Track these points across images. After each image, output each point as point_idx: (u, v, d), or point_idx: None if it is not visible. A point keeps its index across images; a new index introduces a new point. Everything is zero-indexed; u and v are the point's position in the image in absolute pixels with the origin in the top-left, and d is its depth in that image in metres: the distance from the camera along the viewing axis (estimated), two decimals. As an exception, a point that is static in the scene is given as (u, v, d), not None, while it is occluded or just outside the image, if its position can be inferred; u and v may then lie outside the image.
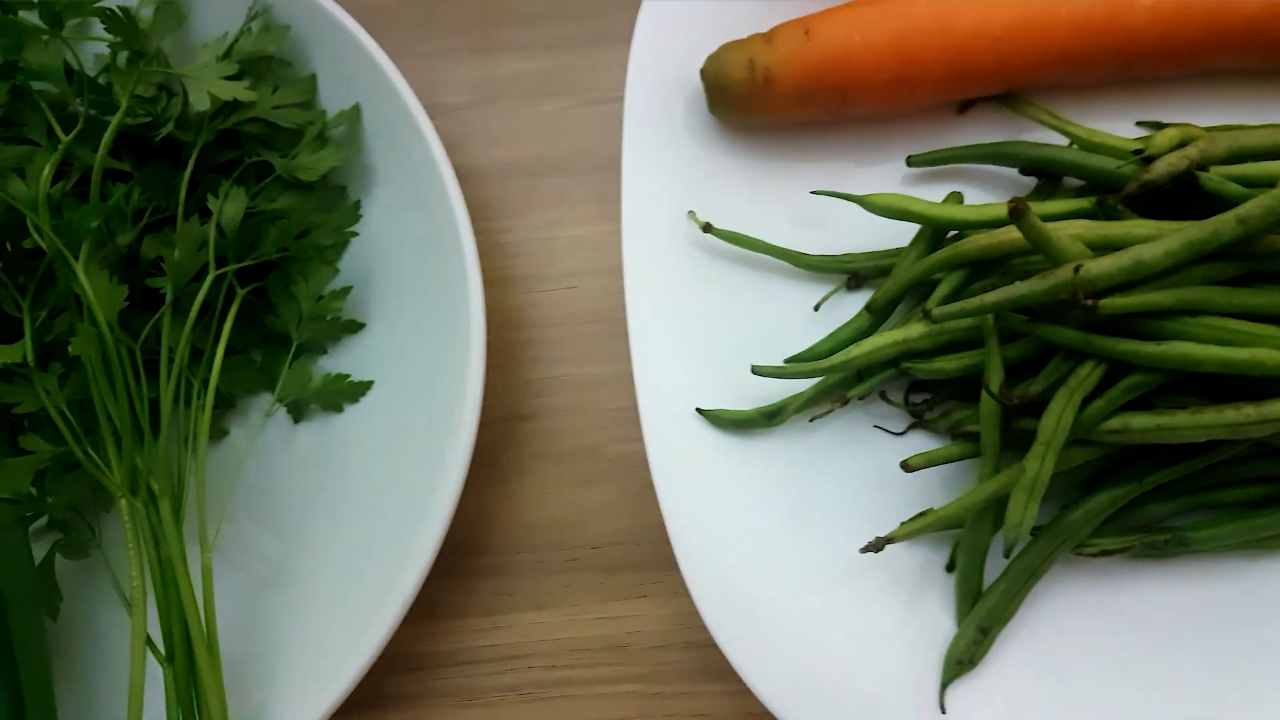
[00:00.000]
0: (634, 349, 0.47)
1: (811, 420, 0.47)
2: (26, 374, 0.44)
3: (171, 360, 0.45)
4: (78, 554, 0.49)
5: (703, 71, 0.49)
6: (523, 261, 0.53)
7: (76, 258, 0.43)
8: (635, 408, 0.48)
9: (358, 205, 0.48)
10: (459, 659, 0.50)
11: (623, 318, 0.50)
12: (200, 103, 0.46)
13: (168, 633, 0.44)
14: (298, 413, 0.50)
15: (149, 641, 0.43)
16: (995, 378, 0.42)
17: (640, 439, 0.48)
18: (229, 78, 0.47)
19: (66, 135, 0.45)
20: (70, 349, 0.42)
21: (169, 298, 0.46)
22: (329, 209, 0.51)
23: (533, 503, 0.51)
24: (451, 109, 0.51)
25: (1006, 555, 0.41)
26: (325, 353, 0.51)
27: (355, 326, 0.50)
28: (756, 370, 0.46)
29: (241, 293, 0.48)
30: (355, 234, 0.49)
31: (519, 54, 0.56)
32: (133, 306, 0.46)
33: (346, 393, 0.50)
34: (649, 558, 0.50)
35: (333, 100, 0.51)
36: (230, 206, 0.47)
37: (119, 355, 0.44)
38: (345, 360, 0.51)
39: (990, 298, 0.42)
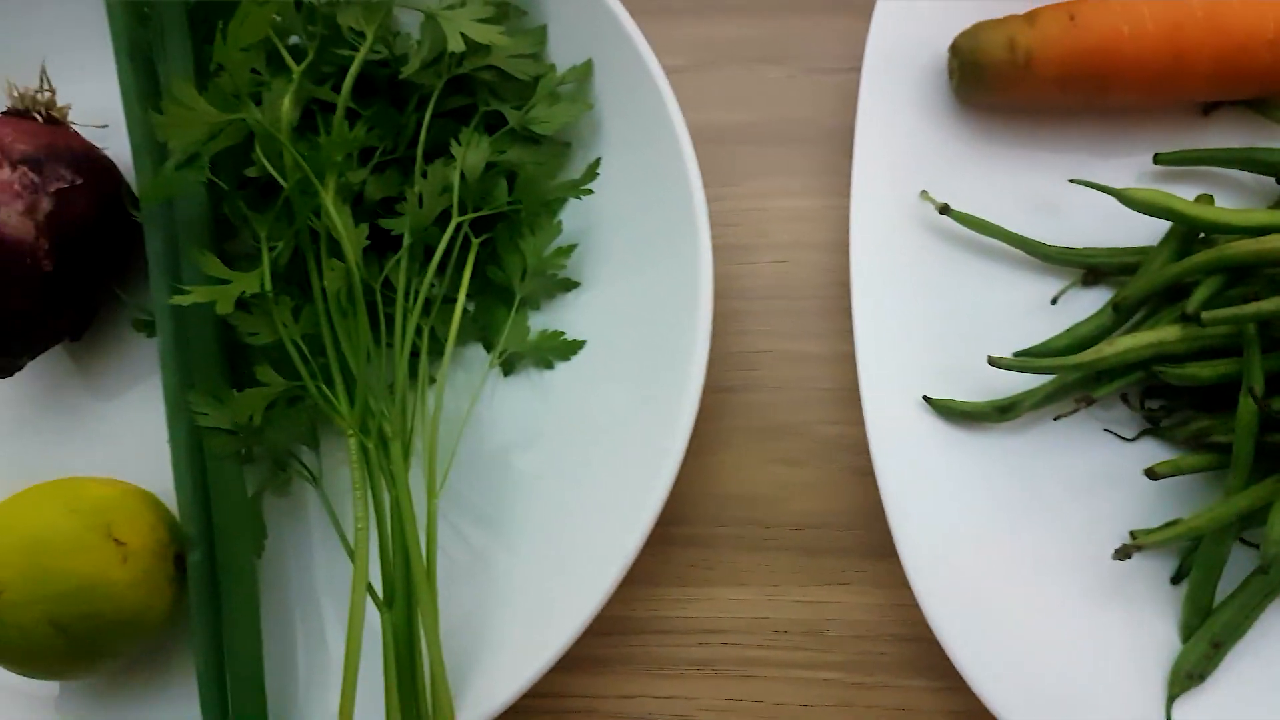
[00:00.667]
0: (858, 329, 0.47)
1: (1056, 419, 0.46)
2: (264, 305, 0.44)
3: (408, 305, 0.45)
4: (283, 491, 0.49)
5: (955, 47, 0.48)
6: (735, 231, 0.53)
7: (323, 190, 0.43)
8: (848, 388, 0.49)
9: (597, 164, 0.48)
10: (652, 627, 0.50)
11: (838, 295, 0.50)
12: (455, 44, 0.45)
13: (389, 577, 0.44)
14: (509, 366, 0.50)
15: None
16: (1258, 384, 0.41)
17: (851, 421, 0.49)
18: (481, 20, 0.46)
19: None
20: (325, 283, 0.42)
21: (406, 241, 0.46)
22: (552, 162, 0.50)
23: (735, 476, 0.51)
24: (670, 70, 0.51)
25: (1264, 571, 0.41)
26: (538, 308, 0.51)
27: (570, 285, 0.50)
28: (994, 362, 0.46)
29: (476, 242, 0.48)
30: (590, 192, 0.48)
31: (742, 18, 0.55)
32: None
33: (560, 350, 0.50)
34: (853, 544, 0.50)
35: (558, 53, 0.51)
36: (473, 154, 0.47)
37: (360, 294, 0.44)
38: (554, 317, 0.50)
39: (1269, 305, 0.41)
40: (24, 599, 0.41)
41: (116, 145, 0.51)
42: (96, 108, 0.52)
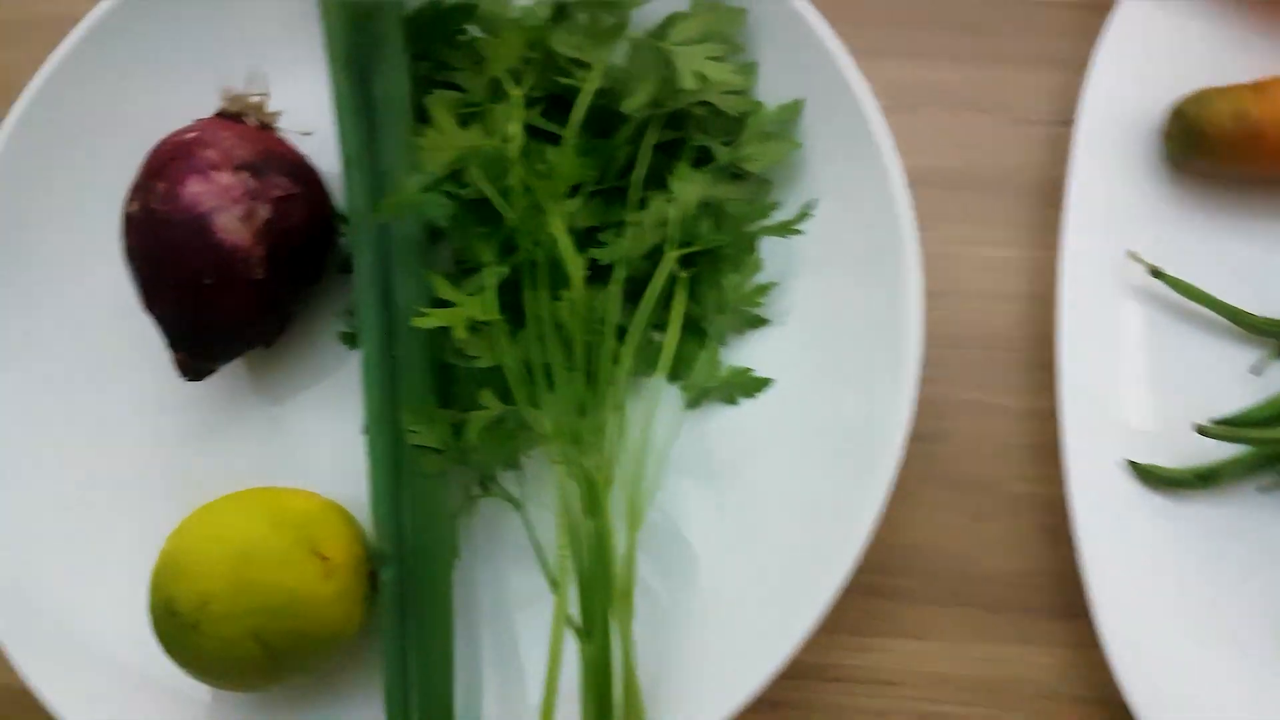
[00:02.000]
0: (1063, 387, 0.48)
1: (1260, 490, 0.47)
2: (484, 329, 0.45)
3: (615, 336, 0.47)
4: (468, 512, 0.50)
5: (1179, 113, 0.49)
6: (929, 275, 0.53)
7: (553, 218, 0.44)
8: (1041, 445, 0.50)
9: (811, 205, 0.49)
10: (828, 674, 0.51)
11: (1034, 349, 0.52)
12: (689, 81, 0.47)
13: (588, 607, 0.45)
14: (694, 400, 0.51)
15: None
16: None
17: (1042, 479, 0.51)
18: (710, 59, 0.47)
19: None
20: (546, 311, 0.46)
21: (621, 272, 0.47)
22: (754, 199, 0.51)
23: (919, 526, 0.51)
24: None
25: None
26: (724, 344, 0.52)
27: (760, 322, 0.51)
28: (1203, 430, 0.47)
29: (684, 276, 0.49)
30: (800, 233, 0.49)
31: (949, 63, 0.56)
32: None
33: (748, 386, 0.51)
34: (1040, 603, 0.50)
35: (762, 88, 0.52)
36: (689, 189, 0.48)
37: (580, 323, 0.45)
38: (739, 353, 0.51)
39: None
40: (230, 611, 0.43)
41: (315, 154, 0.53)
42: (297, 115, 0.53)
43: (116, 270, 0.53)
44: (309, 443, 0.52)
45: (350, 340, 0.51)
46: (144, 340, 0.54)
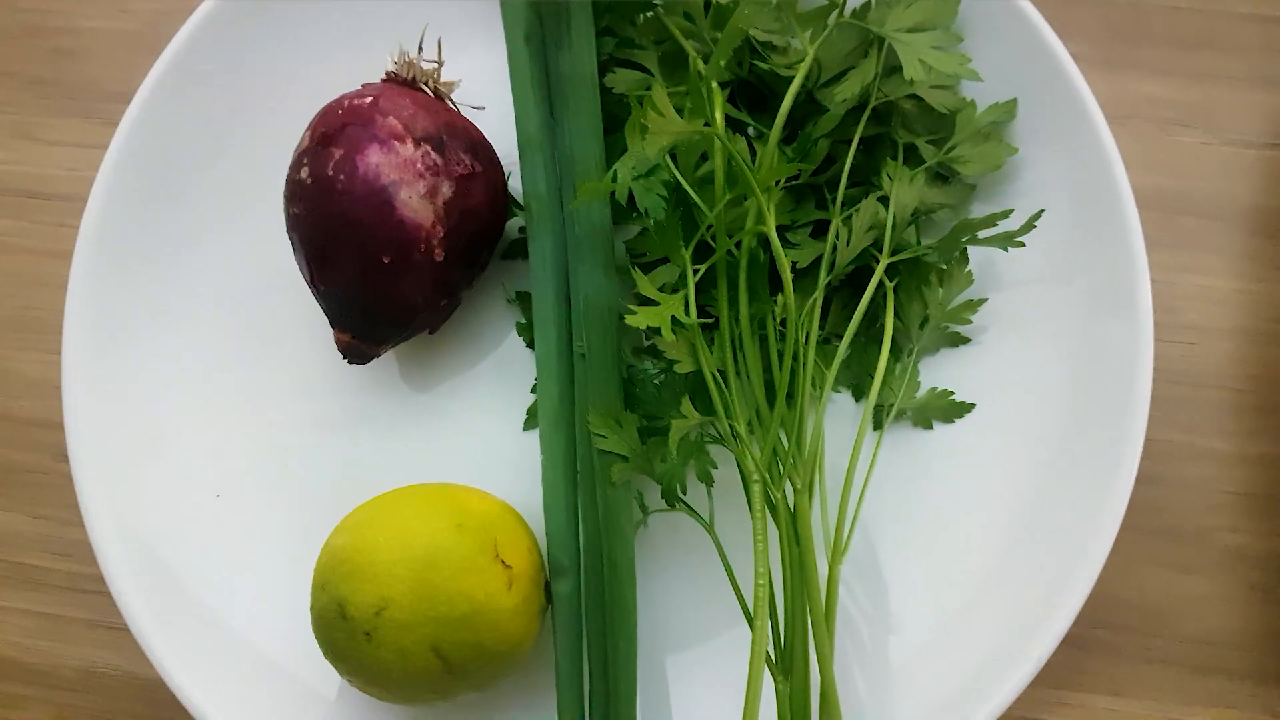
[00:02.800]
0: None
1: None
2: (682, 333, 0.42)
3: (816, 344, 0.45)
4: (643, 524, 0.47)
5: None
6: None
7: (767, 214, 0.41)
8: (1258, 495, 0.48)
9: (1038, 215, 0.46)
10: (1018, 728, 0.47)
11: (1253, 390, 0.49)
12: (914, 71, 0.44)
13: (788, 642, 0.42)
14: (880, 420, 0.48)
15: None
16: None
17: (1258, 532, 0.48)
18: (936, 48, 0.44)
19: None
20: (765, 315, 0.42)
21: (824, 278, 0.44)
22: (959, 205, 0.48)
23: (1121, 577, 0.48)
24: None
25: None
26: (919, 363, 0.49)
27: (961, 340, 0.48)
28: None
29: (891, 285, 0.46)
30: (1022, 245, 0.46)
31: (1159, 77, 0.53)
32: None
33: (946, 411, 0.48)
34: (1249, 668, 0.47)
35: (972, 86, 0.49)
36: (905, 191, 0.45)
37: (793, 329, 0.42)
38: (934, 374, 0.48)
39: None
40: (410, 619, 0.39)
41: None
42: (463, 90, 0.50)
43: (275, 243, 0.50)
44: (468, 437, 0.50)
45: (526, 333, 0.48)
46: (305, 318, 0.51)
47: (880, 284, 0.46)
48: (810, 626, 0.41)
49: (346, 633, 0.39)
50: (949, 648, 0.44)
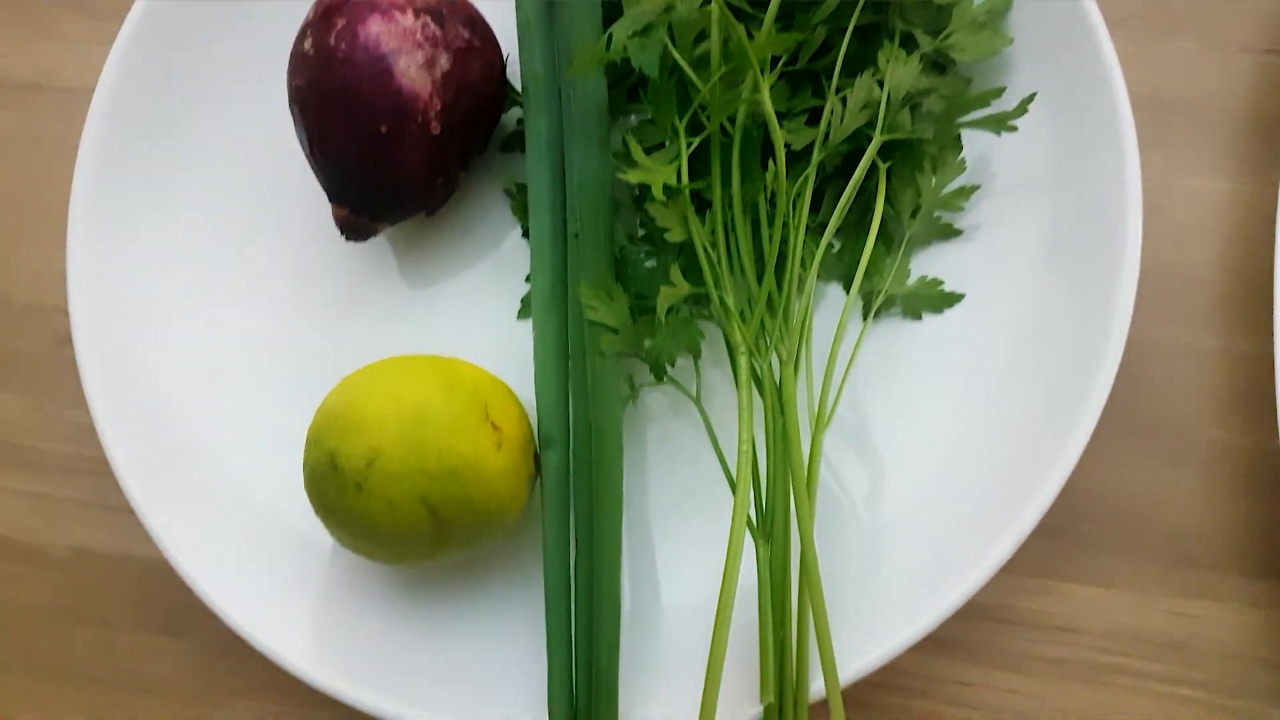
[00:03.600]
0: (1279, 335, 0.46)
1: None
2: (678, 201, 0.43)
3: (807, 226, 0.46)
4: (634, 399, 0.48)
5: None
6: (1125, 201, 0.51)
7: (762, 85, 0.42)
8: (1246, 390, 0.49)
9: (1029, 99, 0.47)
10: (1000, 615, 0.49)
11: (1242, 287, 0.50)
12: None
13: (769, 508, 0.43)
14: (875, 310, 0.49)
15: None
16: None
17: (1245, 428, 0.49)
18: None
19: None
20: (756, 191, 0.43)
21: (817, 155, 0.45)
22: (955, 95, 0.49)
23: (1106, 469, 0.49)
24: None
25: None
26: (911, 254, 0.50)
27: (953, 232, 0.49)
28: None
29: (884, 166, 0.47)
30: (1014, 129, 0.47)
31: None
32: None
33: (935, 301, 0.49)
34: (1234, 560, 0.48)
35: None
36: (901, 71, 0.46)
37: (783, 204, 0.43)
38: (926, 267, 0.49)
39: None
40: (400, 470, 0.40)
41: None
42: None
43: (277, 127, 0.52)
44: (462, 323, 0.51)
45: (520, 211, 0.49)
46: (305, 204, 0.52)
47: (873, 167, 0.46)
48: (792, 494, 0.42)
49: (337, 485, 0.40)
50: (927, 525, 0.45)
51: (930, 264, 0.50)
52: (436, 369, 0.43)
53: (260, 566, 0.48)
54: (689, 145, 0.43)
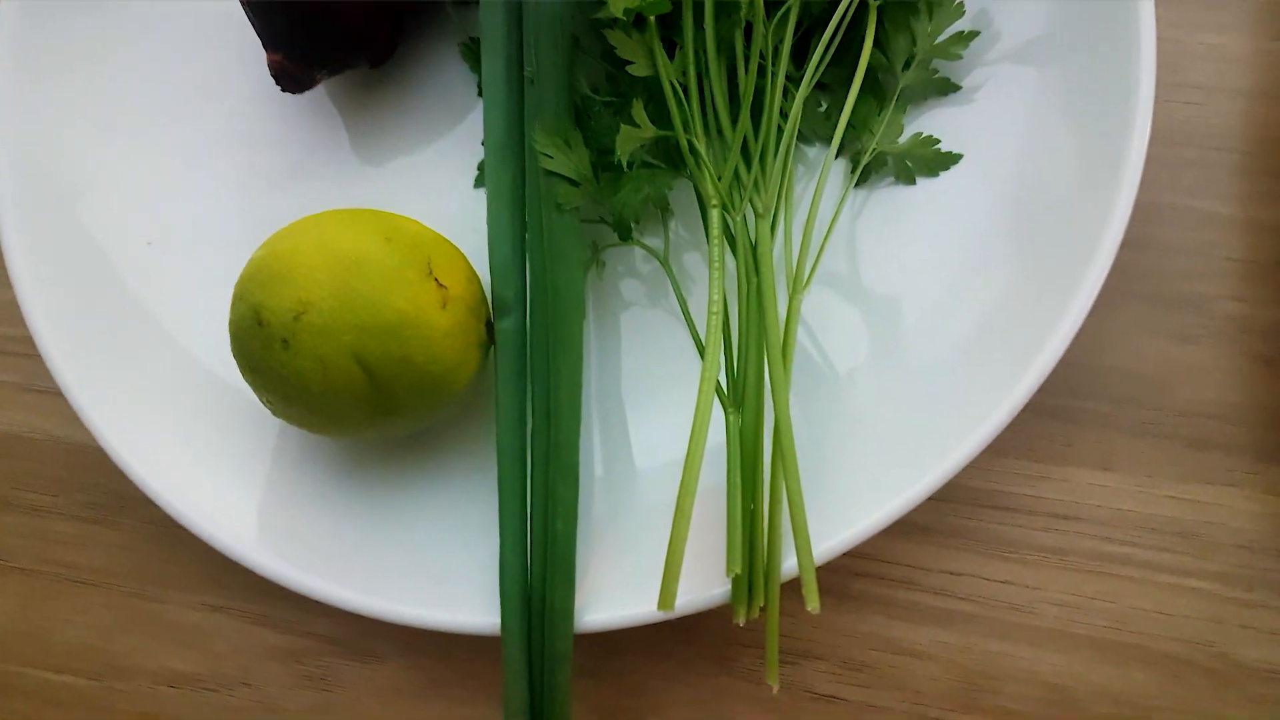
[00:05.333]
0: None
1: None
2: (642, 32, 0.39)
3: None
4: (599, 266, 0.44)
5: None
6: (1140, 64, 0.47)
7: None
8: (1262, 262, 0.45)
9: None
10: (994, 501, 0.45)
11: (1261, 153, 0.46)
12: None
13: (740, 373, 0.39)
14: (866, 174, 0.45)
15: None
16: None
17: (1261, 301, 0.45)
18: None
19: None
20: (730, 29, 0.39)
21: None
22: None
23: (1114, 346, 0.46)
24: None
25: None
26: (905, 112, 0.46)
27: (951, 87, 0.45)
28: None
29: (874, 6, 0.43)
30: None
31: None
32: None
33: (931, 162, 0.45)
34: (1249, 443, 0.45)
35: None
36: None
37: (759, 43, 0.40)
38: (915, 126, 0.46)
39: None
40: (330, 325, 0.37)
41: None
42: None
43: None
44: (419, 187, 0.48)
45: (472, 56, 0.45)
46: (244, 59, 0.49)
47: (864, 9, 0.43)
48: (766, 359, 0.39)
49: (263, 340, 0.37)
50: (914, 397, 0.43)
51: (925, 125, 0.46)
52: (374, 220, 0.40)
53: (199, 448, 0.44)
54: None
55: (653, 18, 0.39)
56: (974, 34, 0.44)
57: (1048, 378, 0.43)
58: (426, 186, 0.47)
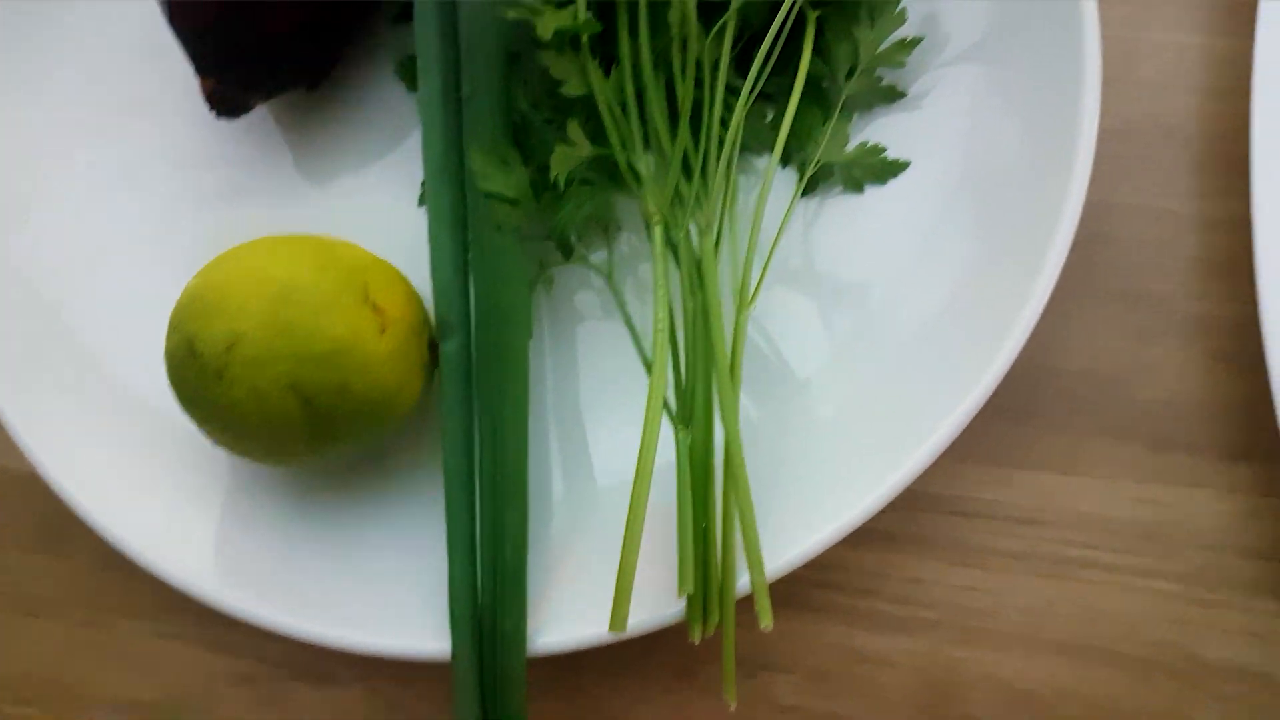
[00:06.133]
0: (1257, 193, 0.42)
1: None
2: (577, 52, 0.39)
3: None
4: (546, 285, 0.44)
5: None
6: (1092, 58, 0.46)
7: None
8: (1221, 259, 0.45)
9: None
10: (954, 507, 0.45)
11: (1218, 149, 0.46)
12: None
13: (689, 390, 0.39)
14: (811, 182, 0.44)
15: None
16: None
17: (1220, 297, 0.45)
18: None
19: None
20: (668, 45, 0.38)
21: (735, 4, 0.41)
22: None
23: (1073, 346, 0.45)
24: None
25: None
26: (850, 120, 0.45)
27: (896, 95, 0.45)
28: None
29: (813, 15, 0.42)
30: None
31: None
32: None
33: (879, 170, 0.44)
34: (1212, 442, 0.44)
35: None
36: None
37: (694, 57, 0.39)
38: (868, 136, 0.45)
39: None
40: (264, 355, 0.37)
41: None
42: None
43: (143, 6, 0.48)
44: (362, 208, 0.47)
45: (409, 75, 0.45)
46: (180, 89, 0.49)
47: (801, 18, 0.42)
48: (714, 377, 0.38)
49: (197, 371, 0.37)
50: (868, 407, 0.42)
51: (873, 132, 0.45)
52: (310, 247, 0.39)
53: (143, 476, 0.44)
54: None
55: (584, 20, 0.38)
56: (917, 41, 0.44)
57: (1008, 380, 0.42)
58: (369, 206, 0.47)
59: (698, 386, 0.39)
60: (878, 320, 0.44)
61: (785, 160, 0.46)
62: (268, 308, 0.37)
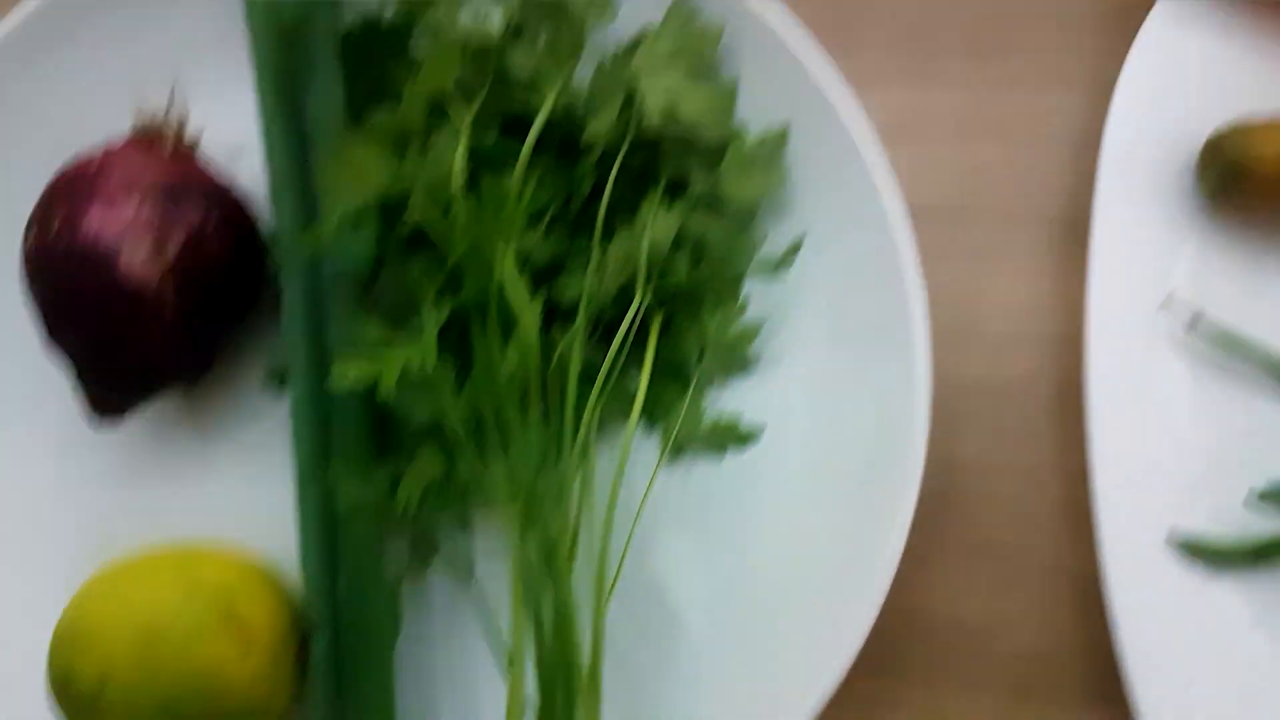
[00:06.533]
0: (1094, 449, 0.45)
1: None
2: (428, 380, 0.41)
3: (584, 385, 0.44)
4: (419, 580, 0.46)
5: (1214, 146, 0.46)
6: (937, 315, 0.49)
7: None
8: (1070, 507, 0.48)
9: (798, 245, 0.47)
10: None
11: (1060, 400, 0.49)
12: (652, 116, 0.44)
13: (549, 689, 0.41)
14: (674, 453, 0.47)
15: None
16: None
17: (1072, 545, 0.47)
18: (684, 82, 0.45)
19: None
20: (508, 364, 0.42)
21: (583, 317, 0.43)
22: (736, 232, 0.48)
23: (934, 597, 0.48)
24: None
25: None
26: (708, 389, 0.48)
27: (745, 365, 0.48)
28: (1264, 496, 0.43)
29: (658, 318, 0.45)
30: (788, 268, 0.46)
31: (954, 89, 0.53)
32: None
33: (734, 438, 0.47)
34: (1070, 685, 0.47)
35: (745, 110, 0.48)
36: (661, 225, 0.45)
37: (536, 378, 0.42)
38: (729, 397, 0.49)
39: None
40: (133, 696, 0.39)
41: (250, 171, 0.49)
42: (226, 128, 0.50)
43: (14, 299, 0.49)
44: (236, 493, 0.49)
45: (279, 380, 0.47)
46: (54, 376, 0.50)
47: (647, 317, 0.45)
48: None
49: (74, 705, 0.39)
50: (734, 683, 0.45)
51: (731, 398, 0.49)
52: (175, 570, 0.42)
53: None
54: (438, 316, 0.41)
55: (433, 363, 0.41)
56: (758, 327, 0.47)
57: (871, 634, 0.44)
58: (250, 488, 0.49)
59: (557, 685, 0.41)
60: (749, 575, 0.47)
61: (652, 425, 0.48)
62: (135, 646, 0.39)
